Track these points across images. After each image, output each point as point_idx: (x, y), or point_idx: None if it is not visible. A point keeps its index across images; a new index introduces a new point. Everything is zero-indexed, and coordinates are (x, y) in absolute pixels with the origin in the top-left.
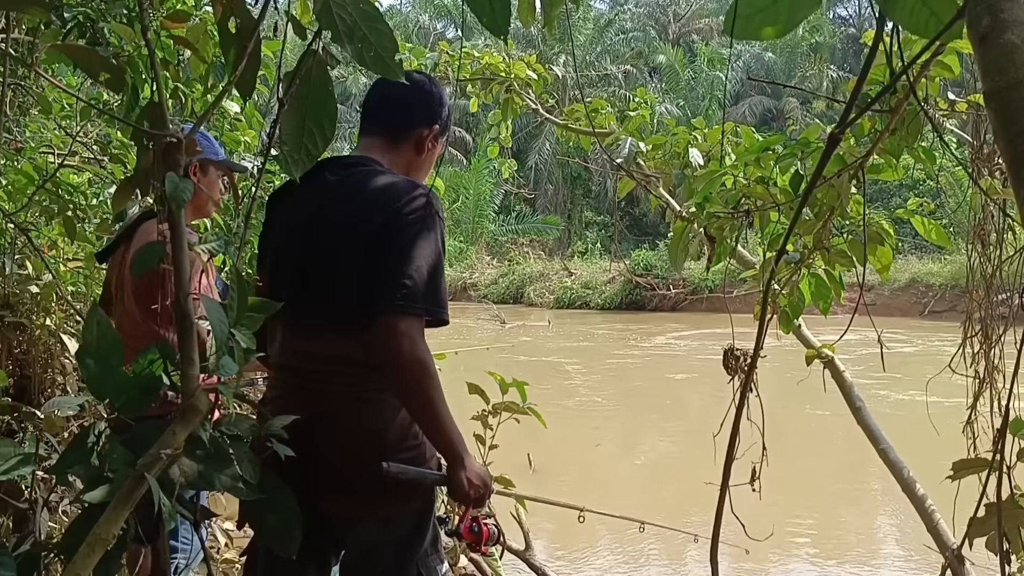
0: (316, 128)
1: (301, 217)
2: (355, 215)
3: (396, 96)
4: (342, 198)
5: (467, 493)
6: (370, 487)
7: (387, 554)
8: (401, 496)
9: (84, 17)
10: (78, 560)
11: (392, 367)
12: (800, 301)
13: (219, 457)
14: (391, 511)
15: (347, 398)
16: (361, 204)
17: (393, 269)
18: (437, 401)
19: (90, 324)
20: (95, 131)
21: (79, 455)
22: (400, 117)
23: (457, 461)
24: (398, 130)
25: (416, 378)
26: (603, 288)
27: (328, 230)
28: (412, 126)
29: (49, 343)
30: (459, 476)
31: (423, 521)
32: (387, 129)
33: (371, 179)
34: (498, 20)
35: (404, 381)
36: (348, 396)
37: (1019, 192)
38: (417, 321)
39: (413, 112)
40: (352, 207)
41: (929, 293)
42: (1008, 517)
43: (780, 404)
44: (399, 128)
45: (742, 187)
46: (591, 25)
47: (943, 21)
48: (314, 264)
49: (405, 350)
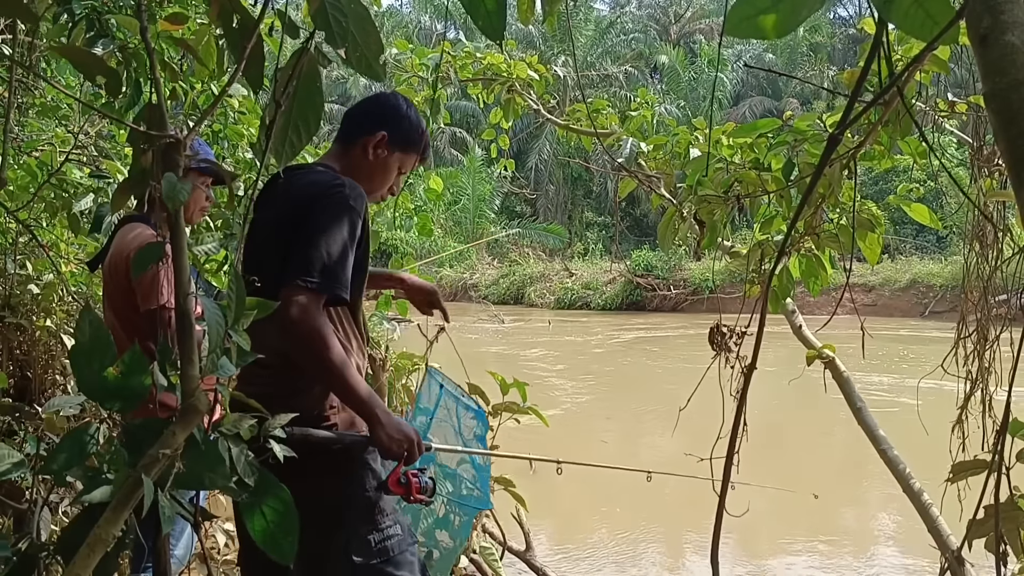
0: (302, 123)
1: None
2: (283, 210)
3: (354, 109)
4: (279, 197)
5: (389, 448)
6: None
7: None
8: (321, 467)
9: (91, 10)
10: (78, 560)
11: (287, 334)
12: (789, 281)
13: (210, 456)
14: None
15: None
16: (289, 200)
17: (296, 250)
18: (337, 364)
19: (82, 325)
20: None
21: (72, 455)
22: (350, 125)
23: (372, 419)
24: (345, 137)
25: (309, 344)
26: (604, 289)
27: (265, 228)
28: (359, 133)
29: (49, 344)
30: (377, 433)
31: (351, 494)
32: (339, 137)
33: (305, 178)
34: (494, 23)
35: (298, 346)
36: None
37: (1019, 193)
38: (311, 294)
39: (361, 120)
40: (283, 204)
41: (930, 294)
42: (1007, 518)
43: (780, 405)
44: (347, 135)
45: (735, 171)
46: (592, 26)
47: (939, 23)
48: (251, 257)
49: (296, 317)
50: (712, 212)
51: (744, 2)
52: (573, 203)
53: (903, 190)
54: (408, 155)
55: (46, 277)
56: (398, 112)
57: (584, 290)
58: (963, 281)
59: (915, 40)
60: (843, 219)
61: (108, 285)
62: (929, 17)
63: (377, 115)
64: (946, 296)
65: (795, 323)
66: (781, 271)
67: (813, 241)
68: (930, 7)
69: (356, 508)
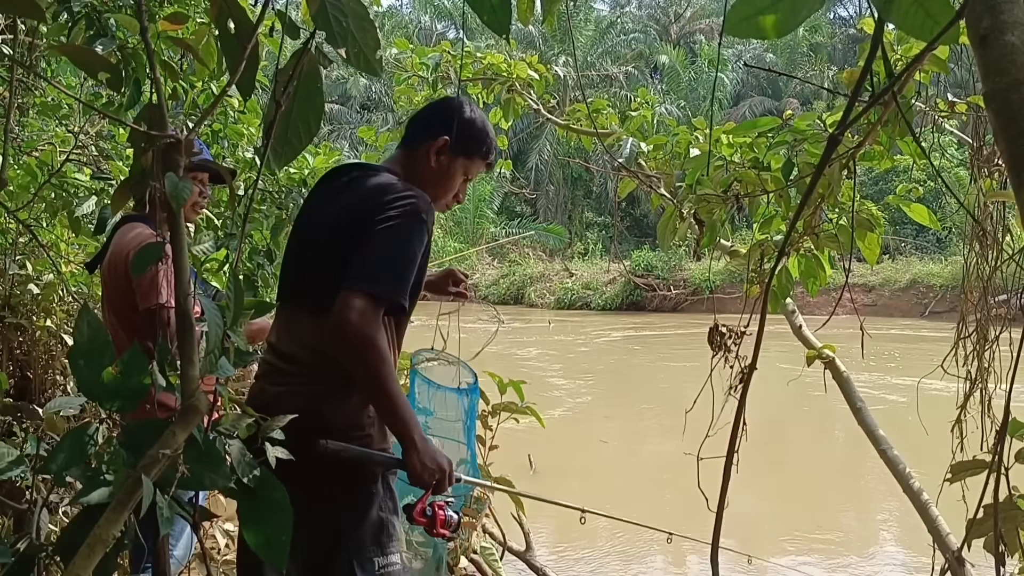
0: (302, 124)
1: (310, 211)
2: (346, 209)
3: (418, 113)
4: (342, 196)
5: (420, 475)
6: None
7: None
8: (340, 481)
9: (91, 9)
10: (78, 561)
11: (340, 338)
12: (788, 281)
13: (209, 456)
14: (329, 496)
15: (308, 382)
16: (354, 200)
17: (360, 254)
18: (386, 379)
19: (81, 325)
20: (95, 130)
21: (71, 455)
22: (414, 131)
23: (409, 443)
24: (409, 142)
25: (363, 352)
26: (604, 289)
27: (324, 223)
28: (422, 138)
29: (49, 344)
30: (411, 458)
31: (365, 510)
32: (403, 142)
33: (371, 180)
34: (499, 18)
35: (351, 353)
36: (309, 381)
37: (1019, 193)
38: (371, 300)
39: (424, 125)
40: (346, 203)
41: (930, 294)
42: (1006, 518)
43: (780, 405)
44: (410, 140)
45: (734, 170)
46: (592, 27)
47: (939, 23)
48: (307, 252)
49: (353, 322)
50: (711, 211)
51: (744, 2)
52: (573, 203)
53: (902, 190)
54: (473, 160)
55: (46, 277)
56: (462, 115)
57: (584, 290)
58: (963, 281)
59: (915, 40)
60: (842, 219)
61: (107, 285)
62: (929, 17)
63: (440, 120)
64: (946, 296)
65: (795, 323)
66: (780, 271)
67: (812, 241)
68: (930, 7)
69: (367, 526)
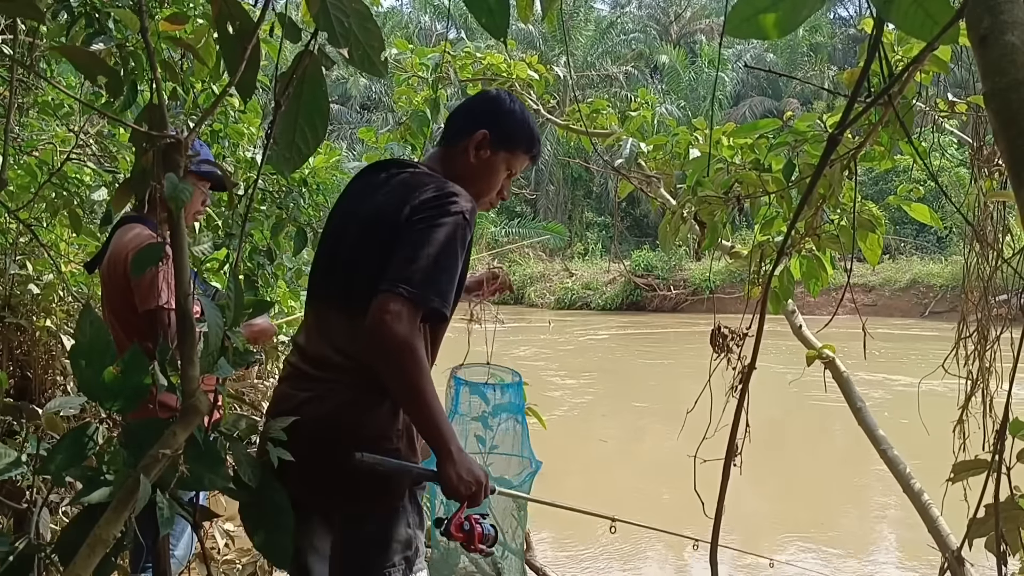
0: (308, 127)
1: (344, 208)
2: (384, 207)
3: (456, 109)
4: (380, 193)
5: (456, 488)
6: (340, 479)
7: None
8: (373, 494)
9: (90, 8)
10: (78, 561)
11: (376, 343)
12: (790, 282)
13: (210, 456)
14: (361, 508)
15: (336, 389)
16: (392, 198)
17: (400, 255)
18: (423, 387)
19: (82, 325)
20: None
21: (71, 455)
22: (453, 127)
23: (445, 454)
24: (448, 139)
25: (398, 358)
26: (604, 289)
27: (360, 220)
28: (461, 134)
29: (50, 344)
30: (446, 470)
31: (393, 526)
32: (443, 138)
33: (410, 178)
34: (497, 20)
35: (385, 359)
36: (337, 387)
37: (1019, 193)
38: (409, 304)
39: (463, 120)
40: (384, 200)
41: (930, 294)
42: (1007, 518)
43: (780, 405)
44: (449, 137)
45: (735, 171)
46: (592, 27)
47: (939, 23)
48: (341, 250)
49: (389, 325)
50: (712, 213)
51: (744, 2)
52: (573, 203)
53: (903, 190)
54: (515, 154)
55: (46, 277)
56: (500, 108)
57: (584, 290)
58: (963, 281)
59: (915, 40)
60: (843, 220)
61: (106, 286)
62: (929, 17)
63: (478, 113)
64: (946, 296)
65: (795, 323)
66: (782, 272)
67: (814, 242)
68: (930, 7)
69: (396, 543)
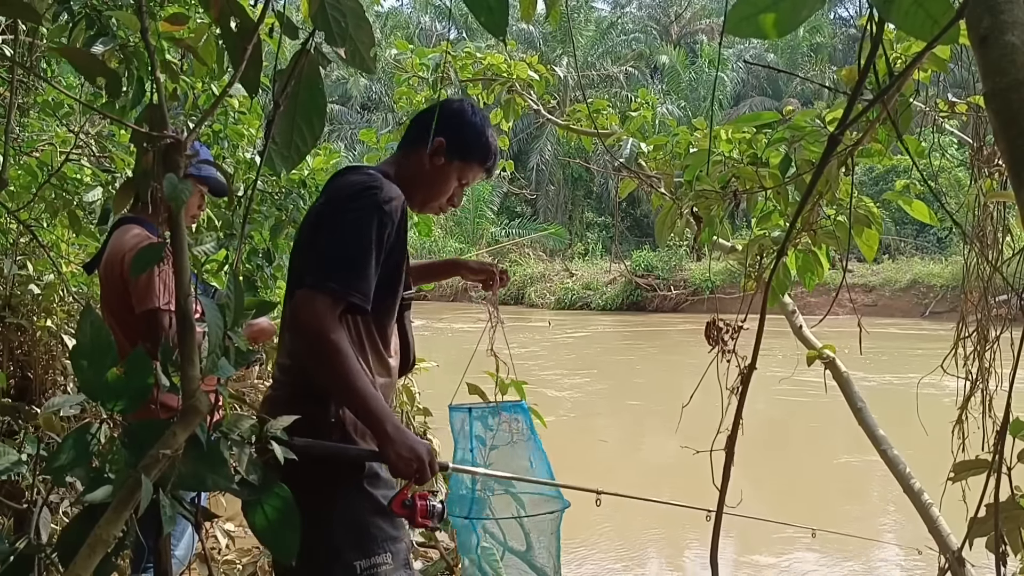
0: (306, 126)
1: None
2: (314, 209)
3: (420, 114)
4: (321, 197)
5: (396, 466)
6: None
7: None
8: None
9: (91, 8)
10: (79, 561)
11: (297, 338)
12: (787, 277)
13: (212, 457)
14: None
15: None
16: (324, 199)
17: (316, 251)
18: (347, 373)
19: (83, 325)
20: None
21: (73, 455)
22: (412, 131)
23: (382, 435)
24: (406, 142)
25: (318, 349)
26: (604, 289)
27: (304, 226)
28: (418, 139)
29: (50, 344)
30: (385, 450)
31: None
32: (401, 142)
33: (346, 179)
34: (496, 19)
35: (308, 352)
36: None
37: (1019, 193)
38: (324, 297)
39: (423, 126)
40: (321, 203)
41: (930, 294)
42: (1008, 518)
43: (780, 405)
44: (408, 141)
45: (732, 166)
46: (593, 27)
47: (939, 23)
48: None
49: (304, 320)
50: (709, 208)
51: (744, 1)
52: (573, 203)
53: (901, 186)
54: (469, 164)
55: (47, 277)
56: (460, 118)
57: (584, 290)
58: (963, 281)
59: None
60: (840, 216)
61: (104, 287)
62: (929, 17)
63: (440, 121)
64: (946, 296)
65: (795, 323)
66: (779, 267)
67: (810, 237)
68: (930, 7)
69: (344, 530)
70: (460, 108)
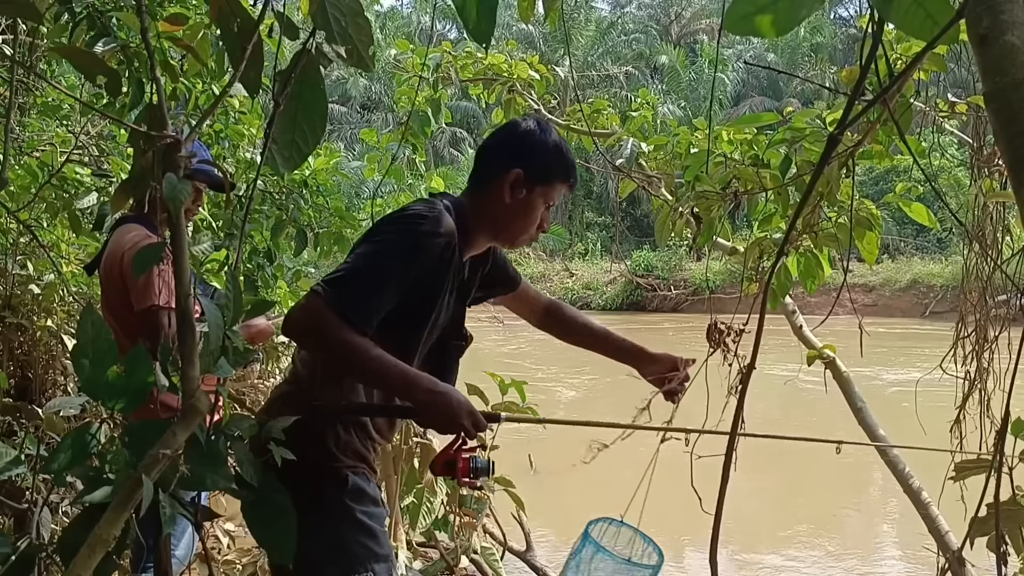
0: (308, 126)
1: None
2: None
3: (485, 143)
4: None
5: (435, 423)
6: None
7: None
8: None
9: (92, 9)
10: (79, 561)
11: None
12: (787, 279)
13: (212, 457)
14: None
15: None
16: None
17: None
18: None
19: (84, 325)
20: (96, 130)
21: (73, 455)
22: (483, 165)
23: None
24: (479, 180)
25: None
26: (604, 289)
27: None
28: (492, 174)
29: (50, 344)
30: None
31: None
32: (472, 177)
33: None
34: (482, 27)
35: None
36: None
37: (1019, 193)
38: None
39: (493, 158)
40: None
41: (930, 294)
42: (1008, 517)
43: (780, 404)
44: (480, 177)
45: (733, 167)
46: (593, 27)
47: (939, 23)
48: None
49: (293, 316)
50: (710, 208)
51: (743, 0)
52: (573, 203)
53: (902, 188)
54: (552, 186)
55: (47, 277)
56: (531, 140)
57: (584, 290)
58: (963, 281)
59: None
60: (841, 218)
61: (105, 286)
62: (929, 17)
63: (509, 150)
64: (946, 296)
65: (796, 323)
66: (779, 269)
67: (811, 239)
68: (930, 7)
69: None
70: (526, 130)
